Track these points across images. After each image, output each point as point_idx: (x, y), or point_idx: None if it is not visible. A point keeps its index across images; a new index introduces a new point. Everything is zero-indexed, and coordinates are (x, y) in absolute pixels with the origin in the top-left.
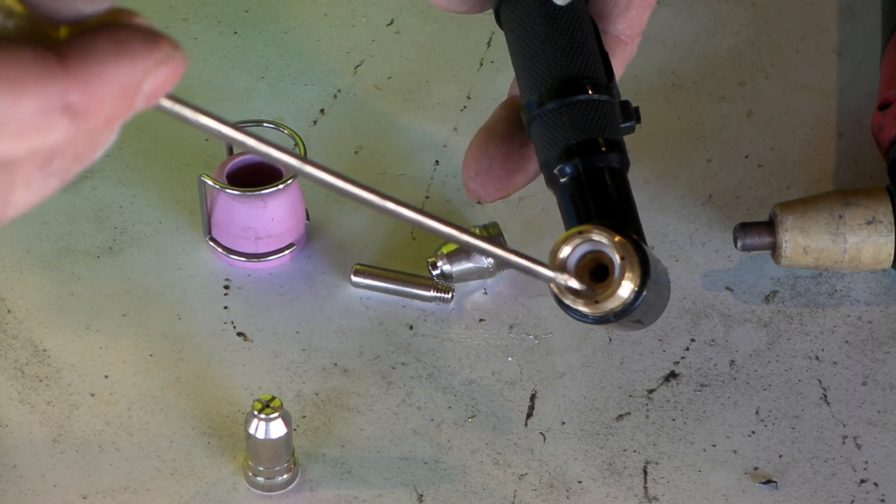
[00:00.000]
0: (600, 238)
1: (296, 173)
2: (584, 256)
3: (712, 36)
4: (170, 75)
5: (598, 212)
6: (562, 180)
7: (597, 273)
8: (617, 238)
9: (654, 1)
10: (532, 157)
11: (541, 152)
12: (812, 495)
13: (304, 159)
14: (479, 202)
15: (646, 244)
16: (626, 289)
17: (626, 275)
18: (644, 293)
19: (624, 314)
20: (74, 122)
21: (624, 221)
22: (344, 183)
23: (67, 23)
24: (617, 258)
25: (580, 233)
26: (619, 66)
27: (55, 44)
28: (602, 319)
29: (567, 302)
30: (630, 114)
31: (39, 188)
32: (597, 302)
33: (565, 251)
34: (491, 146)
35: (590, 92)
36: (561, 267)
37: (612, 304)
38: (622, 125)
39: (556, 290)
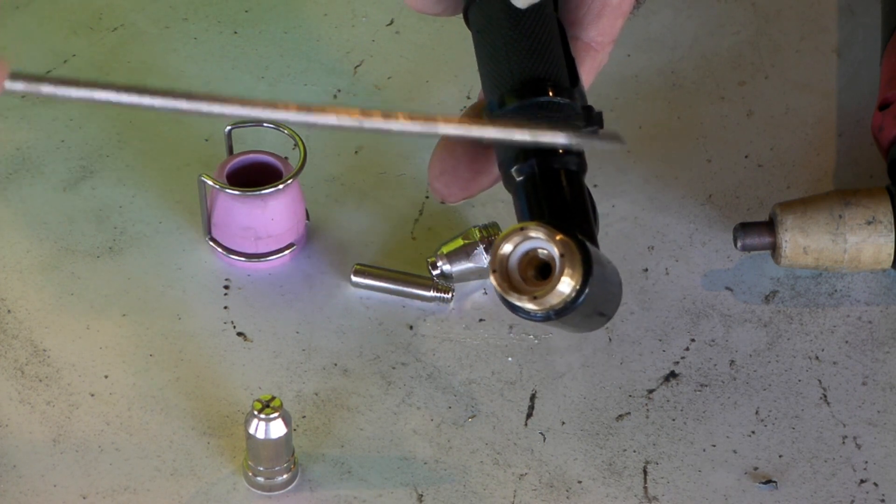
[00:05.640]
0: (537, 234)
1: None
2: (526, 254)
3: (712, 36)
4: None
5: (552, 212)
6: (517, 180)
7: (543, 272)
8: (558, 236)
9: (626, 10)
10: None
11: (499, 152)
12: (812, 495)
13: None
14: (443, 202)
15: (594, 245)
16: (565, 285)
17: (566, 271)
18: (587, 290)
19: (566, 311)
20: None
21: (574, 222)
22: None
23: None
24: (557, 255)
25: (521, 229)
26: (589, 74)
27: None
28: (545, 317)
29: (511, 300)
30: (593, 119)
31: None
32: (535, 297)
33: (506, 248)
34: (457, 147)
35: (550, 94)
36: (502, 264)
37: (553, 300)
38: (583, 129)
39: (499, 289)
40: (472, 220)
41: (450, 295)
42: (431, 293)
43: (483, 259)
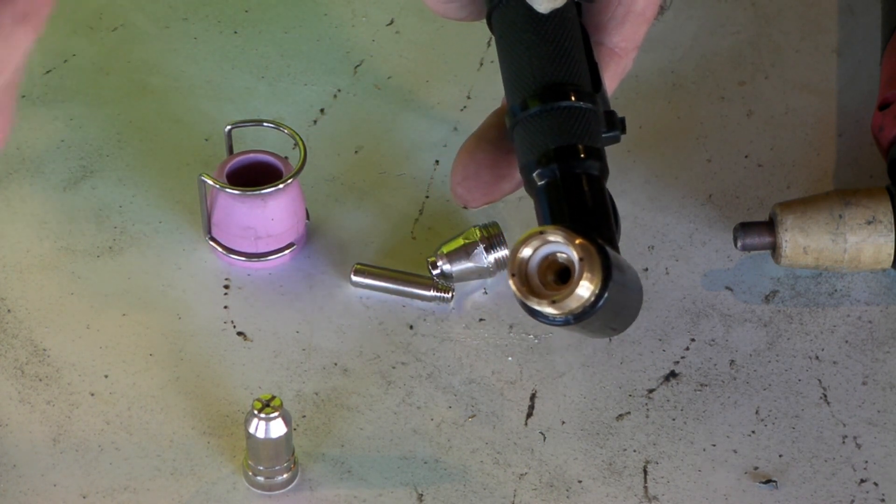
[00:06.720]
0: (556, 238)
1: None
2: (546, 258)
3: (712, 36)
4: None
5: (573, 217)
6: (539, 184)
7: (562, 276)
8: (577, 240)
9: (650, 17)
10: None
11: (521, 156)
12: (812, 495)
13: None
14: (465, 207)
15: (615, 250)
16: (584, 289)
17: (585, 275)
18: (606, 294)
19: (585, 315)
20: None
21: (595, 227)
22: None
23: None
24: (576, 258)
25: (540, 233)
26: (612, 80)
27: None
28: (564, 321)
29: (531, 304)
30: (615, 123)
31: None
32: (554, 301)
33: (525, 252)
34: (479, 152)
35: (573, 99)
36: (521, 268)
37: (572, 304)
38: (605, 134)
39: (518, 294)
40: (473, 219)
41: (450, 295)
42: (431, 293)
43: (483, 259)
